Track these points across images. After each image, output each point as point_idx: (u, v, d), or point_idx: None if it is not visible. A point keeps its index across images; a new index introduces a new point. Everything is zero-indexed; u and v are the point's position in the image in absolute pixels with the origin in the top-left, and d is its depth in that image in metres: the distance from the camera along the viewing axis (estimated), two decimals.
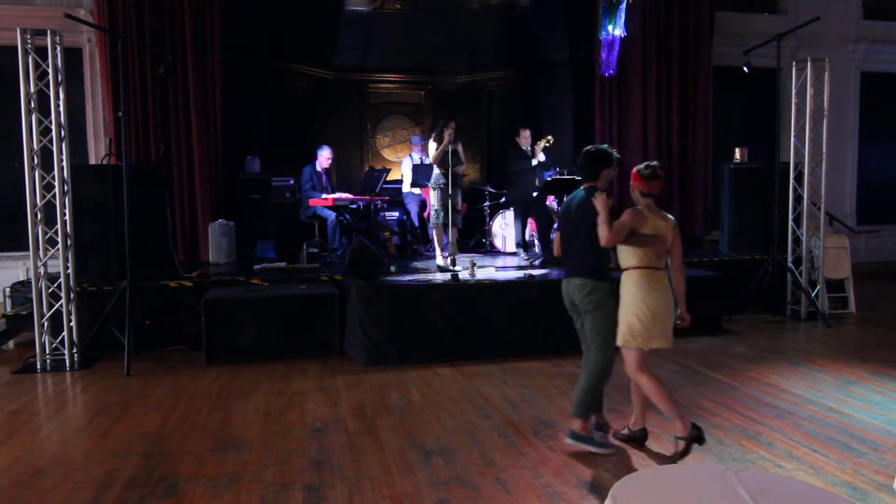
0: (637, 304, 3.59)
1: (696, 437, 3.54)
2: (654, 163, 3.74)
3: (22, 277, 7.31)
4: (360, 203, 8.22)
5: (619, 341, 3.66)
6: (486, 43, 10.18)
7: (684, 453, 3.54)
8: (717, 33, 9.19)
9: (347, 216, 8.28)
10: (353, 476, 3.45)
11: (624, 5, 7.52)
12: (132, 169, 5.99)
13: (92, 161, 7.90)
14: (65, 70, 5.56)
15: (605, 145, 3.96)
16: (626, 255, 3.68)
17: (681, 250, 3.74)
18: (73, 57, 7.34)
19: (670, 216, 3.75)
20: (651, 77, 8.94)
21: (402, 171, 9.07)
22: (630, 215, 3.62)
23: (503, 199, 8.85)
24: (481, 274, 6.25)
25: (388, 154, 10.57)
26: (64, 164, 5.56)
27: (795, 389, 4.76)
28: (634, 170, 3.72)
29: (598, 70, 8.46)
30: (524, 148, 7.57)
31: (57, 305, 5.61)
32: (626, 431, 3.88)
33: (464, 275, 6.18)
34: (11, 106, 5.90)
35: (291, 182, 8.49)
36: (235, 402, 4.69)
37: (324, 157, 8.51)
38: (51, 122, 5.49)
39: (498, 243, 8.49)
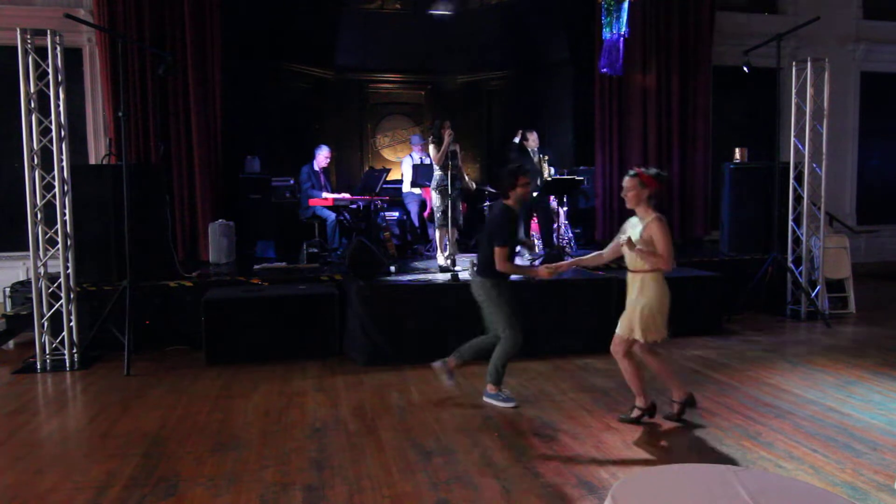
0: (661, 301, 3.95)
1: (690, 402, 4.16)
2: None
3: (22, 277, 7.31)
4: (360, 203, 8.22)
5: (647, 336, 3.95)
6: (486, 43, 10.18)
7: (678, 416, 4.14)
8: (717, 33, 9.18)
9: (347, 216, 8.28)
10: (353, 476, 3.45)
11: (626, 5, 7.51)
12: (132, 169, 5.99)
13: (92, 161, 7.90)
14: (65, 70, 5.57)
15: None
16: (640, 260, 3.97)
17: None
18: (73, 57, 7.34)
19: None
20: (651, 77, 8.94)
21: (402, 171, 9.06)
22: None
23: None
24: None
25: (388, 154, 10.57)
26: (64, 164, 5.56)
27: (795, 389, 4.76)
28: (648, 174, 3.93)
29: (601, 70, 8.44)
30: (530, 150, 7.61)
31: (57, 305, 5.61)
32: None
33: (464, 275, 6.18)
34: (11, 106, 5.90)
35: (291, 182, 8.50)
36: (235, 402, 4.69)
37: (322, 157, 8.50)
38: (51, 122, 5.49)
39: None
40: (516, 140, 7.76)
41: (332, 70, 10.22)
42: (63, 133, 5.56)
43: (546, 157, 7.87)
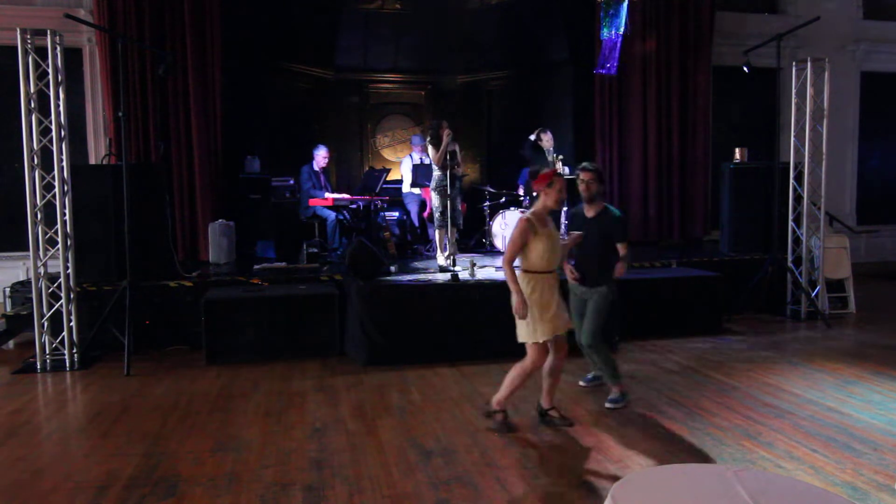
0: None
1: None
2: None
3: (22, 277, 7.30)
4: (360, 203, 8.22)
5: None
6: (486, 43, 10.19)
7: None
8: (717, 33, 9.18)
9: (347, 216, 8.28)
10: (353, 476, 3.45)
11: (625, 5, 7.50)
12: (132, 169, 5.99)
13: (92, 161, 7.90)
14: (65, 70, 5.57)
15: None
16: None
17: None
18: (73, 57, 7.34)
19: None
20: (651, 77, 8.94)
21: (402, 171, 9.06)
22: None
23: (503, 199, 8.84)
24: (481, 274, 6.25)
25: (388, 154, 10.57)
26: (64, 164, 5.56)
27: (795, 389, 4.76)
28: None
29: (597, 70, 8.45)
30: (544, 149, 7.64)
31: (57, 305, 5.61)
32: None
33: (464, 275, 6.18)
34: (11, 106, 5.90)
35: (291, 182, 8.50)
36: (235, 402, 4.69)
37: (320, 157, 8.50)
38: (51, 122, 5.49)
39: (498, 243, 8.47)
40: (532, 137, 7.76)
41: (332, 70, 10.22)
42: (63, 133, 5.56)
43: (560, 157, 7.88)
